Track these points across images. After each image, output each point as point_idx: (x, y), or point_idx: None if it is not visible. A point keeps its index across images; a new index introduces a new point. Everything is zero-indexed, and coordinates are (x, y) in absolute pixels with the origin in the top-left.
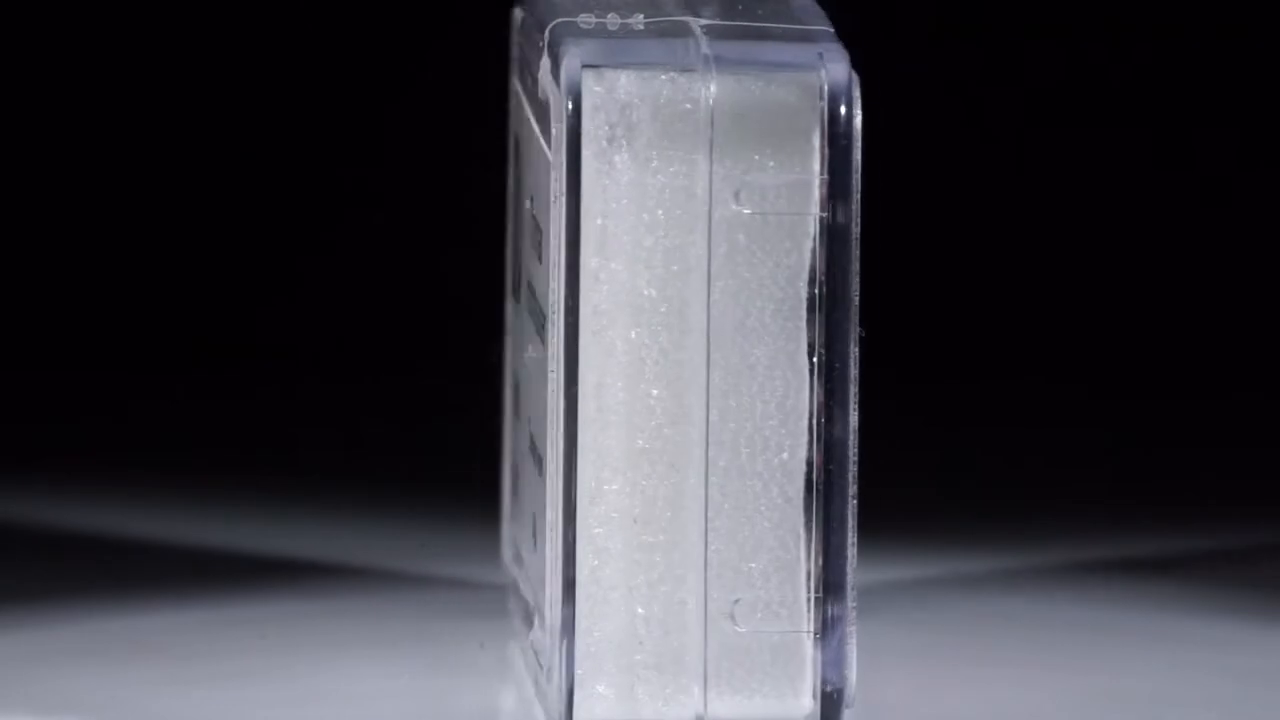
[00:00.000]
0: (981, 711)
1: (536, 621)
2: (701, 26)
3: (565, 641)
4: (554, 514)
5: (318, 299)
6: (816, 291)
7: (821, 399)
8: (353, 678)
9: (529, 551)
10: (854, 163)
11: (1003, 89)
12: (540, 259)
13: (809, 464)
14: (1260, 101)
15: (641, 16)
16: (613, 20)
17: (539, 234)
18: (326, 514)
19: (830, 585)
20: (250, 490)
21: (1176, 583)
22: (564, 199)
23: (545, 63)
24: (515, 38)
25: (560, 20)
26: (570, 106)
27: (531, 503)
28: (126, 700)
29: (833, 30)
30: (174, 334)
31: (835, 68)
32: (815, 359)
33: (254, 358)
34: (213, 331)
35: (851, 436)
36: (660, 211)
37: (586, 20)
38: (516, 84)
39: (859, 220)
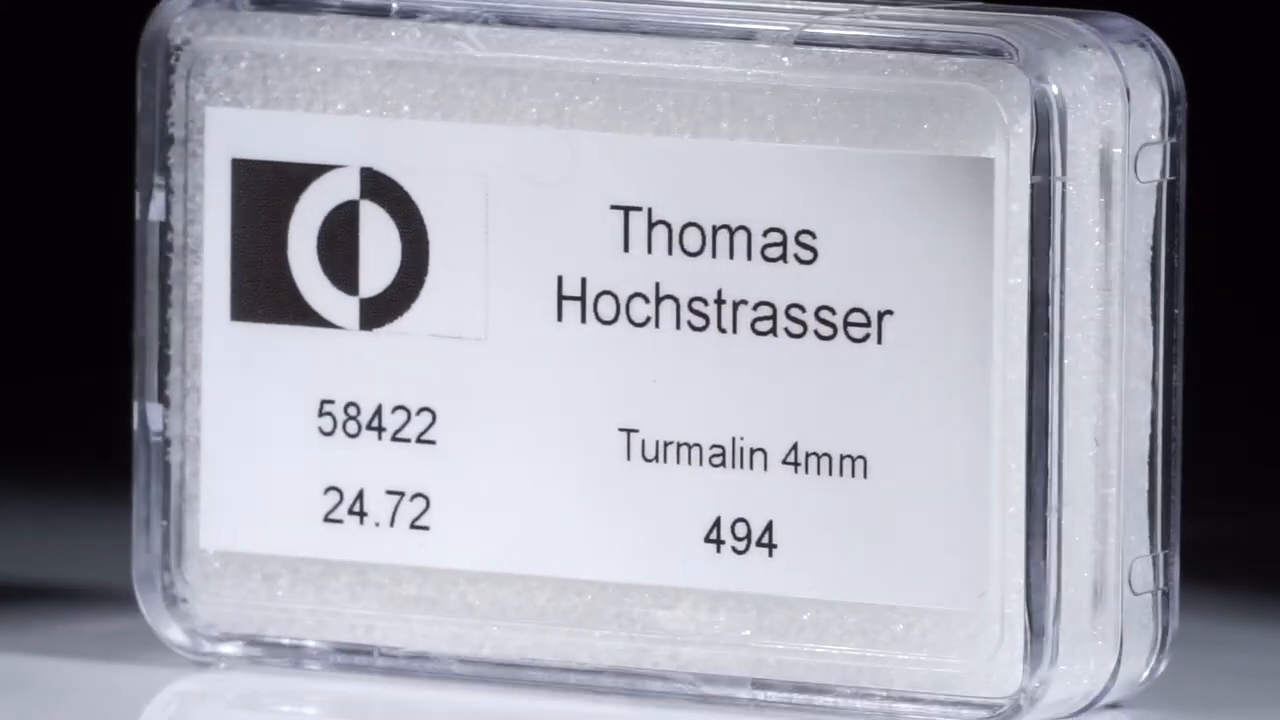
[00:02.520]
0: None
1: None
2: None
3: (1048, 630)
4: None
5: None
6: (1164, 256)
7: (1164, 362)
8: None
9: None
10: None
11: None
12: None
13: (1152, 424)
14: None
15: (880, 9)
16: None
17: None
18: None
19: (1170, 542)
20: None
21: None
22: (1047, 183)
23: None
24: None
25: (815, 20)
26: (1046, 89)
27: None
28: None
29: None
30: None
31: (1155, 36)
32: (1161, 323)
33: None
34: None
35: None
36: (1085, 196)
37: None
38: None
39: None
